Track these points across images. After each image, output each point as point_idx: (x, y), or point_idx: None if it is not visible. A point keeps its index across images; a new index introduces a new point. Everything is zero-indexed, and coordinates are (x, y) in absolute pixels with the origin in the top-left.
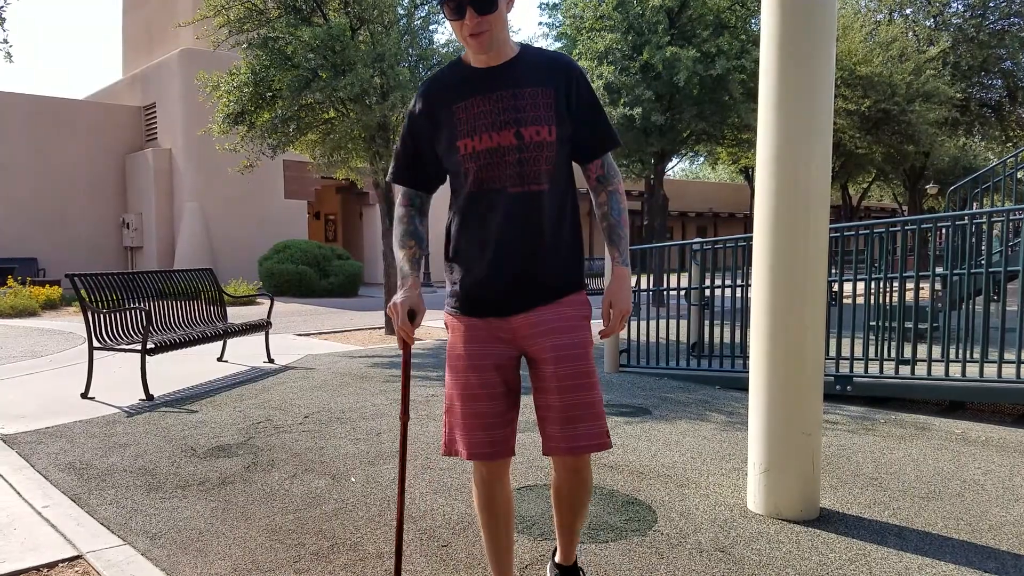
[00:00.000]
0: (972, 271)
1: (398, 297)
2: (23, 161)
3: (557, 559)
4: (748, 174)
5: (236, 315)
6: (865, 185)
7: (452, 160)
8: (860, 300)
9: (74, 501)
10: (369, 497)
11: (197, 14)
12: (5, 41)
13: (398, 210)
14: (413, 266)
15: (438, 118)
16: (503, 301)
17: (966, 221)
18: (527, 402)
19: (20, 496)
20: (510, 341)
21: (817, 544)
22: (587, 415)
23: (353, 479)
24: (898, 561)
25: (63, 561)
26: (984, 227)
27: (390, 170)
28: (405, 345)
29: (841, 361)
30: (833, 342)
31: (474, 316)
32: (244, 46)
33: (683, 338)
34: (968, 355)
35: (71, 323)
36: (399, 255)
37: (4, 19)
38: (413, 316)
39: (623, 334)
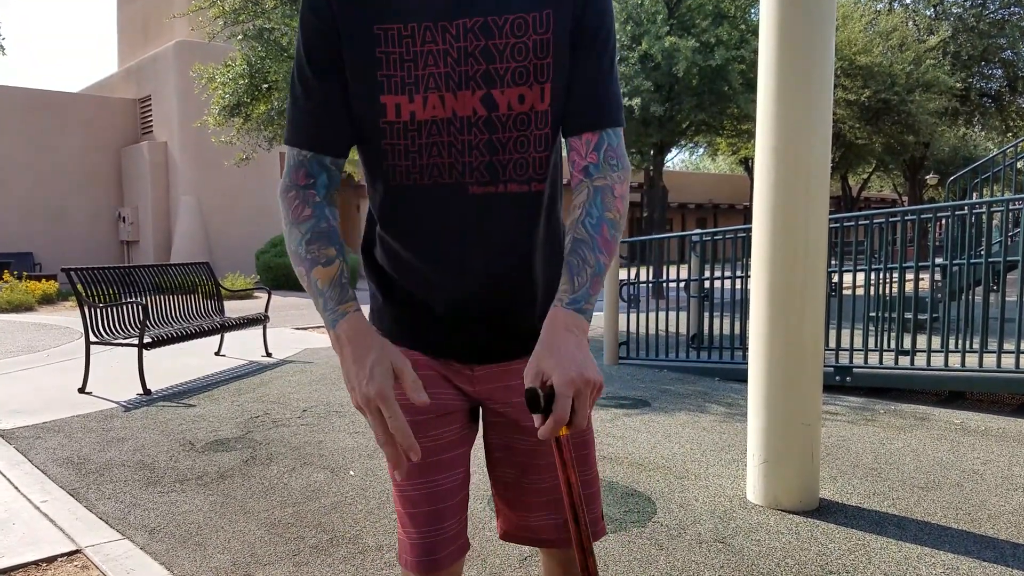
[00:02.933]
0: (972, 261)
1: (360, 373)
2: (18, 155)
3: None
4: (748, 165)
5: (233, 309)
6: (865, 176)
7: (367, 124)
8: (860, 291)
9: (72, 496)
10: (368, 490)
11: (192, 5)
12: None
13: (288, 198)
14: (343, 291)
15: (346, 33)
16: (465, 351)
17: (966, 211)
18: None
19: (18, 491)
20: (466, 386)
21: (816, 534)
22: (586, 499)
23: (352, 472)
24: (897, 551)
25: (62, 555)
26: (984, 217)
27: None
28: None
29: (841, 352)
30: (833, 333)
31: (416, 350)
32: (239, 37)
33: (683, 330)
34: (967, 345)
35: (68, 318)
36: (313, 278)
37: None
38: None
39: (622, 326)
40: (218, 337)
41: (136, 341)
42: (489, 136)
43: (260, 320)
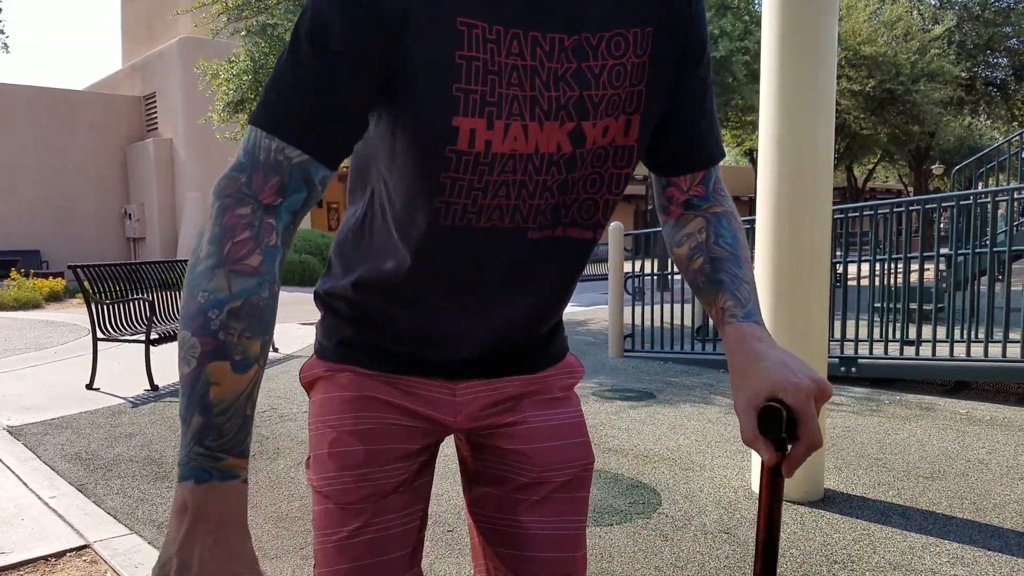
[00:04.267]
0: (977, 251)
1: (223, 570)
2: (24, 153)
3: None
4: (753, 157)
5: None
6: (870, 166)
7: (423, 150)
8: (865, 282)
9: (81, 491)
10: None
11: (196, 1)
12: (2, 31)
13: (231, 216)
14: (240, 431)
15: (418, 24)
16: (459, 367)
17: (971, 201)
18: None
19: (27, 487)
20: (444, 415)
21: (821, 525)
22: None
23: None
24: (902, 540)
25: (71, 550)
26: (989, 207)
27: (258, 110)
28: None
29: (846, 343)
30: (838, 324)
31: (377, 370)
32: (243, 33)
33: (688, 322)
34: (972, 335)
35: (75, 315)
36: (205, 374)
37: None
38: None
39: (627, 319)
40: None
41: (143, 337)
42: (566, 175)
43: None
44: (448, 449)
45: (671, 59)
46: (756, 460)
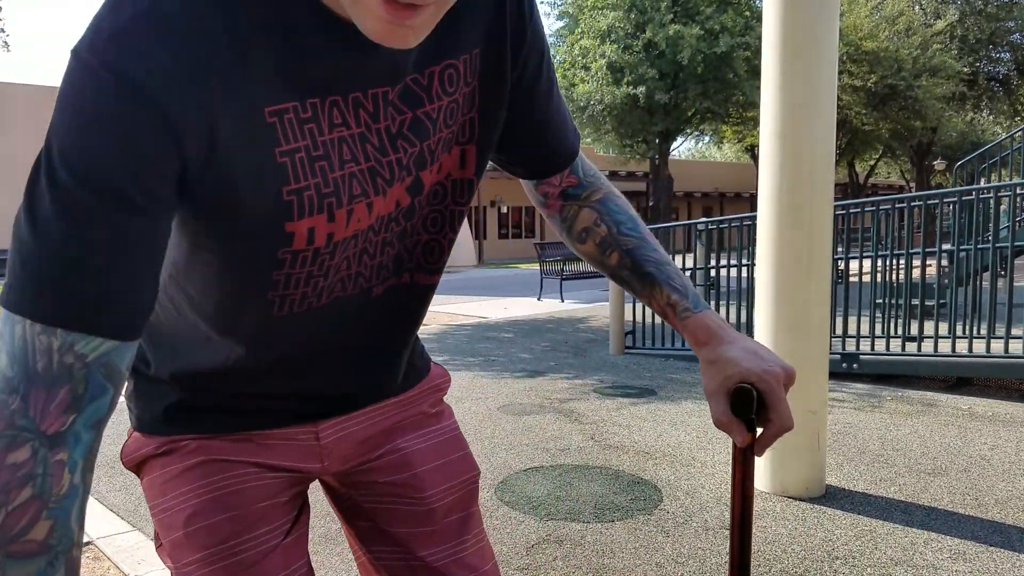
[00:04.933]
0: (979, 247)
1: None
2: (25, 152)
3: None
4: (754, 153)
5: None
6: (872, 162)
7: (246, 257)
8: (867, 278)
9: None
10: None
11: None
12: (2, 30)
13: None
14: None
15: (217, 131)
16: (317, 410)
17: (973, 196)
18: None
19: None
20: (307, 463)
21: (823, 521)
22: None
23: None
24: (904, 536)
25: None
26: (991, 202)
27: (14, 292)
28: None
29: (847, 339)
30: (839, 320)
31: (238, 431)
32: None
33: None
34: (975, 331)
35: None
36: None
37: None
38: None
39: (628, 315)
40: None
41: None
42: (405, 224)
43: None
44: None
45: (503, 75)
46: (758, 457)
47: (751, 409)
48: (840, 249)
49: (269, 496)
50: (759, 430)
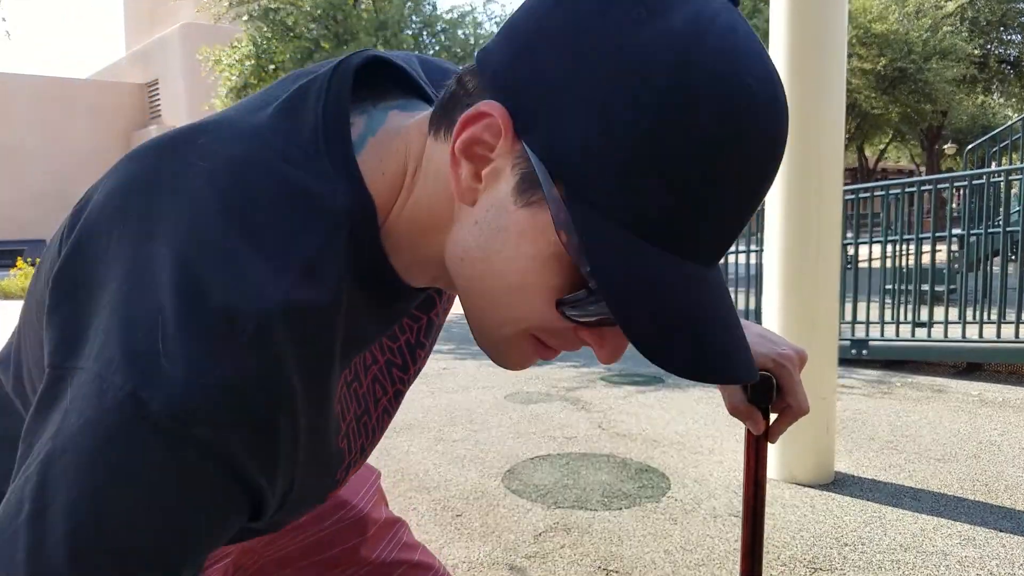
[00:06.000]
0: (989, 231)
1: None
2: (28, 143)
3: None
4: None
5: None
6: (882, 146)
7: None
8: (876, 263)
9: None
10: (382, 469)
11: None
12: (3, 19)
13: None
14: None
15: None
16: None
17: (984, 180)
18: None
19: None
20: None
21: (832, 507)
22: None
23: None
24: (913, 523)
25: None
26: (1002, 186)
27: None
28: None
29: (857, 325)
30: (849, 306)
31: None
32: (245, 18)
33: None
34: (985, 316)
35: None
36: None
37: None
38: None
39: None
40: None
41: None
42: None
43: None
44: (456, 434)
45: None
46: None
47: (771, 396)
48: (849, 234)
49: None
50: (772, 416)
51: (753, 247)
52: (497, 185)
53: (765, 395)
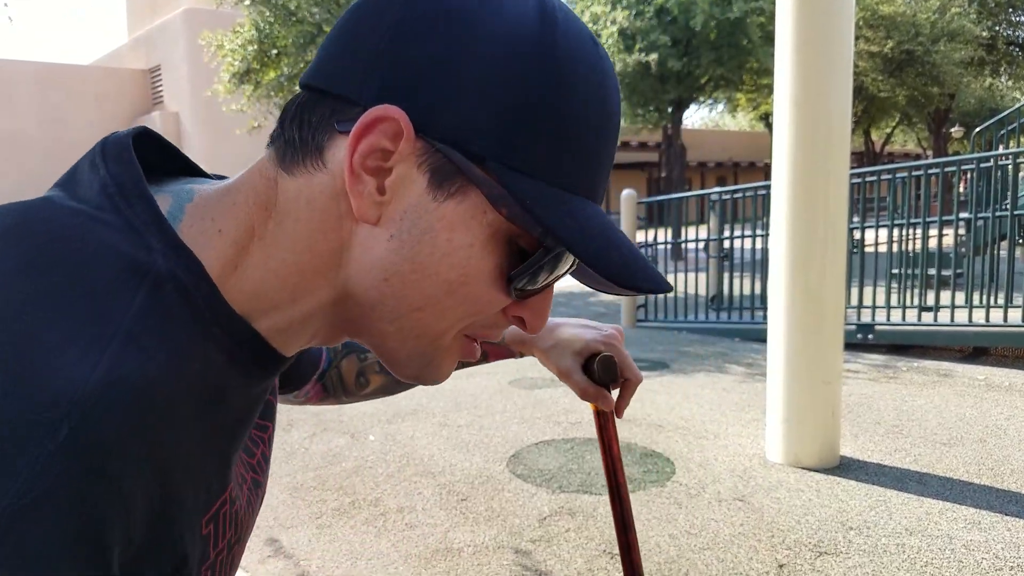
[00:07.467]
0: (997, 215)
1: None
2: (30, 129)
3: None
4: (769, 121)
5: None
6: (888, 130)
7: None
8: (882, 247)
9: None
10: (388, 454)
11: None
12: (5, 4)
13: None
14: None
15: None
16: None
17: (991, 164)
18: None
19: None
20: None
21: (837, 491)
22: None
23: (371, 437)
24: (919, 506)
25: None
26: (1009, 169)
27: None
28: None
29: (863, 309)
30: (855, 290)
31: None
32: (247, 3)
33: (702, 291)
34: (991, 300)
35: None
36: None
37: None
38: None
39: None
40: None
41: None
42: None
43: None
44: (461, 419)
45: None
46: (772, 428)
47: (616, 374)
48: (856, 218)
49: None
50: (614, 392)
51: (759, 231)
52: (406, 191)
53: (613, 373)
